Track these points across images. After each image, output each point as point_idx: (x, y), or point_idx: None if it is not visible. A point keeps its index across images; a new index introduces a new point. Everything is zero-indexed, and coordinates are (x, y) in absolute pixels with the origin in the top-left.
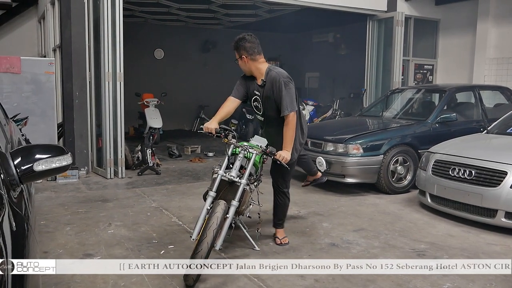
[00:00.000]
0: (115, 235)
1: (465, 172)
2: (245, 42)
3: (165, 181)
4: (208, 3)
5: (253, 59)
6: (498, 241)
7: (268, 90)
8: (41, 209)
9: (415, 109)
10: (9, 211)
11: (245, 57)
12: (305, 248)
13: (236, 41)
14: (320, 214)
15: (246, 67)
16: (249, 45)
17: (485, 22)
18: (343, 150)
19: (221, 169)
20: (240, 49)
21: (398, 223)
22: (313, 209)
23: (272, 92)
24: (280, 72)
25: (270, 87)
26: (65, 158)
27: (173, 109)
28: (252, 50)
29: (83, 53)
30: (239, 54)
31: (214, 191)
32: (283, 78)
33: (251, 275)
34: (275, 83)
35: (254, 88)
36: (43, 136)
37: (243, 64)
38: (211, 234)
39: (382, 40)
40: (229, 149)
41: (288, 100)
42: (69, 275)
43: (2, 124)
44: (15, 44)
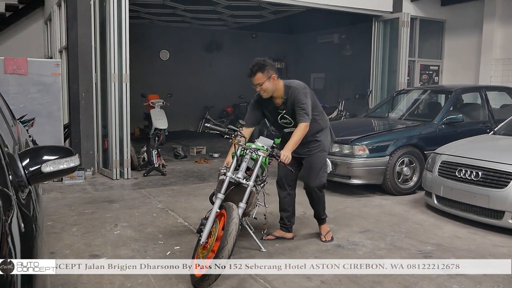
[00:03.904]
0: (121, 236)
1: (471, 174)
2: (268, 62)
3: (170, 182)
4: (213, 4)
5: (278, 77)
6: (505, 242)
7: (290, 105)
8: (47, 210)
9: (421, 110)
10: (17, 212)
11: (274, 75)
12: (311, 250)
13: (260, 63)
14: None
15: (273, 87)
16: (273, 63)
17: (491, 23)
18: (349, 151)
19: (229, 171)
20: (269, 69)
21: (404, 224)
22: None
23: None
24: (298, 84)
25: (291, 101)
26: (72, 160)
27: (179, 110)
28: (275, 69)
29: (89, 54)
30: (268, 74)
31: (223, 193)
32: (302, 89)
33: (257, 277)
34: (294, 96)
35: (278, 108)
36: (50, 137)
37: (270, 85)
38: (231, 241)
39: (387, 41)
40: (238, 150)
41: (305, 111)
42: (76, 276)
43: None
44: (22, 45)
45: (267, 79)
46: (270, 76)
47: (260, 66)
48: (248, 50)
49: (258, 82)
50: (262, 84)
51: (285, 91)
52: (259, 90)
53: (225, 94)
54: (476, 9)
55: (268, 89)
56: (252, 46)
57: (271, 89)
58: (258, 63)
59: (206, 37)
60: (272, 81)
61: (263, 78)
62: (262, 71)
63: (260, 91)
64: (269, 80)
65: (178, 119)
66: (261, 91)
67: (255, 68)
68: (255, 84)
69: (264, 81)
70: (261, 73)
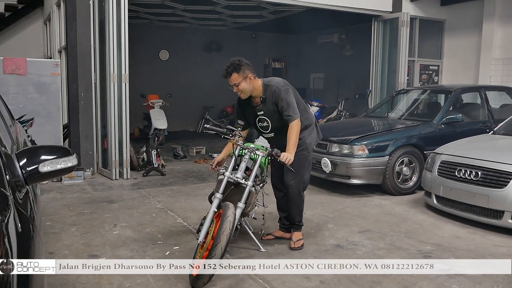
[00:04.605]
0: (120, 236)
1: (471, 173)
2: (244, 62)
3: (170, 182)
4: (212, 4)
5: (255, 77)
6: (505, 242)
7: (270, 105)
8: (47, 210)
9: (421, 110)
10: (14, 212)
11: (250, 75)
12: (310, 250)
13: (235, 64)
14: (325, 215)
15: (250, 88)
16: (249, 63)
17: (491, 22)
18: (348, 151)
19: (227, 171)
20: (244, 69)
21: (404, 224)
22: (318, 210)
23: (276, 105)
24: (277, 82)
25: (271, 101)
26: (70, 159)
27: (178, 110)
28: (252, 68)
29: (88, 54)
30: (244, 74)
31: (221, 193)
32: (282, 87)
33: (256, 277)
34: (275, 95)
35: (256, 111)
36: (49, 137)
37: (247, 85)
38: (224, 239)
39: (387, 41)
40: (236, 150)
41: (291, 108)
42: (74, 276)
43: (8, 125)
44: (22, 45)
45: (243, 79)
46: (246, 76)
47: (235, 66)
48: (248, 50)
49: (234, 83)
50: (238, 84)
51: (263, 89)
52: (236, 91)
53: (224, 94)
54: (476, 9)
55: (245, 89)
56: (251, 46)
57: (248, 89)
58: (233, 63)
59: (206, 37)
60: (248, 81)
61: (238, 78)
62: (238, 71)
63: (237, 92)
64: (245, 80)
65: (177, 119)
66: (238, 92)
67: (230, 69)
68: (231, 85)
69: (240, 81)
70: (236, 73)
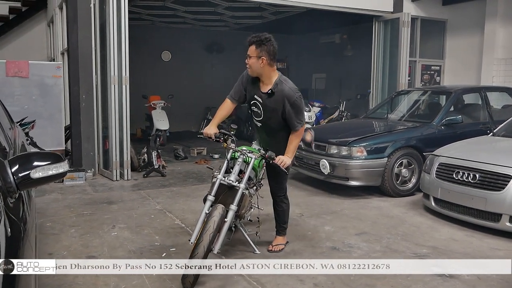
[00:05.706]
0: (118, 238)
1: (469, 176)
2: (271, 44)
3: (170, 183)
4: (213, 6)
5: (271, 64)
6: (502, 245)
7: (277, 103)
8: (47, 211)
9: (421, 111)
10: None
11: (265, 59)
12: (306, 252)
13: (262, 39)
14: (322, 217)
15: (258, 69)
16: (273, 50)
17: (493, 22)
18: (346, 153)
19: (220, 174)
20: (264, 49)
21: (401, 226)
22: (316, 211)
23: (283, 107)
24: (292, 87)
25: (280, 100)
26: (61, 165)
27: (180, 111)
28: (274, 55)
29: (89, 57)
30: (260, 54)
31: (213, 195)
32: (297, 94)
33: (250, 279)
34: (288, 100)
35: (256, 93)
36: (51, 139)
37: (256, 65)
38: (207, 238)
39: (388, 41)
40: (228, 153)
41: (301, 116)
42: (72, 277)
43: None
44: (26, 47)
45: (256, 57)
46: (260, 56)
47: (258, 41)
48: None
49: (248, 54)
50: (250, 58)
51: (275, 83)
52: (246, 62)
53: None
54: (478, 9)
55: (252, 67)
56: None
57: (255, 68)
58: (259, 36)
59: (208, 38)
60: (260, 62)
61: (254, 53)
62: (257, 46)
63: (246, 64)
64: (257, 59)
65: (179, 119)
66: (247, 64)
67: (253, 40)
68: (247, 54)
69: (253, 57)
70: (254, 47)
